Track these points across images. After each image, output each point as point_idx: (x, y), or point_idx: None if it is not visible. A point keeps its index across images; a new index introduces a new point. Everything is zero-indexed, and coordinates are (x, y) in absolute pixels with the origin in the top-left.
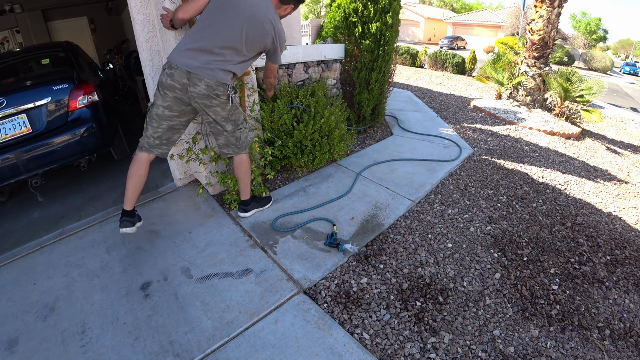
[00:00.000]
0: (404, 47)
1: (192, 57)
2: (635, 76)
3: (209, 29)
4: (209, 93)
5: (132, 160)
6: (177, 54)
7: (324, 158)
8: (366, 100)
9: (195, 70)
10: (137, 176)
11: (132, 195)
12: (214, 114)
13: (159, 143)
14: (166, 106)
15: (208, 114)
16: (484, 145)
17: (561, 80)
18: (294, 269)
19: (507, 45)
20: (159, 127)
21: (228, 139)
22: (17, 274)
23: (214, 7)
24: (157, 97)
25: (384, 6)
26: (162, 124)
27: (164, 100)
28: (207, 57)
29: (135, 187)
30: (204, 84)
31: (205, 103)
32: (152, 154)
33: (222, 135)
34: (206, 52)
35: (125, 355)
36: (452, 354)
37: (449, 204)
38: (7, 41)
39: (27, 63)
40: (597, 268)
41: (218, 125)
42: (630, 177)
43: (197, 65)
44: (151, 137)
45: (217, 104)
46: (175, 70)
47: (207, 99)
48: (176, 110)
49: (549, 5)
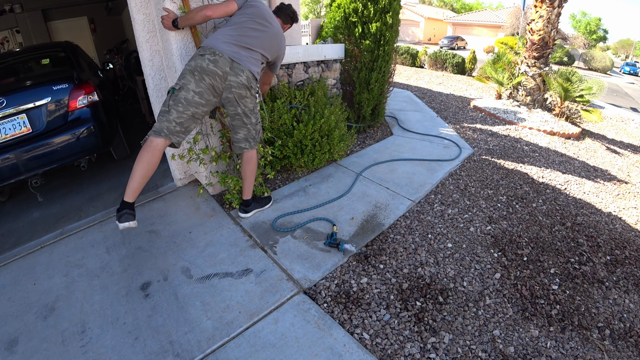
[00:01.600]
0: (404, 47)
1: (235, 49)
2: (635, 76)
3: (250, 32)
4: (248, 84)
5: (144, 146)
6: (220, 43)
7: (324, 158)
8: (366, 100)
9: (240, 60)
10: (149, 164)
11: (139, 185)
12: (244, 105)
13: (179, 130)
14: (198, 92)
15: (240, 104)
16: (484, 145)
17: (561, 80)
18: (294, 269)
19: (507, 45)
20: (185, 112)
21: (249, 131)
22: (17, 274)
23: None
24: (188, 81)
25: (384, 6)
26: (189, 109)
27: (198, 85)
28: (247, 52)
29: (144, 176)
30: (245, 75)
31: (242, 93)
32: (169, 140)
33: (244, 127)
34: (246, 49)
35: (125, 355)
36: (452, 354)
37: (449, 204)
38: (7, 41)
39: (27, 63)
40: (597, 268)
41: (244, 117)
42: (630, 177)
43: (240, 57)
44: (174, 121)
45: (249, 95)
46: (220, 57)
47: (244, 89)
48: (205, 99)
49: (549, 5)
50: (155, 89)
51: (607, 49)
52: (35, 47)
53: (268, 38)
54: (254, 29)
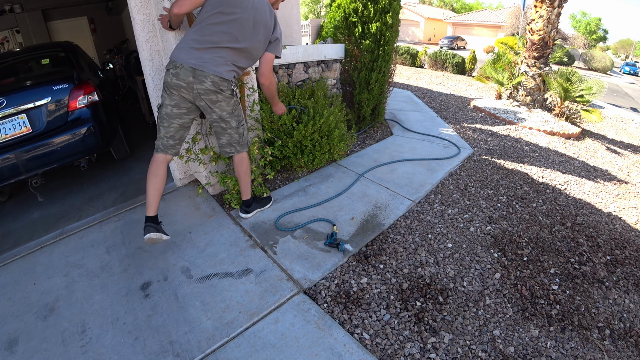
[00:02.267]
0: (404, 47)
1: (196, 55)
2: (635, 76)
3: (214, 28)
4: (215, 88)
5: (150, 162)
6: (181, 52)
7: (324, 158)
8: (366, 100)
9: (201, 67)
10: (156, 178)
11: (153, 199)
12: (220, 110)
13: (172, 143)
14: (174, 104)
15: (214, 110)
16: (484, 145)
17: (561, 80)
18: (294, 269)
19: (507, 45)
20: (170, 126)
21: (232, 136)
22: (17, 274)
23: (216, 4)
24: (164, 97)
25: (384, 6)
26: (173, 122)
27: (171, 99)
28: (211, 54)
29: (154, 189)
30: (210, 80)
31: (212, 99)
32: (168, 154)
33: (225, 132)
34: (211, 49)
35: (125, 355)
36: (452, 354)
37: (449, 204)
38: (7, 41)
39: (27, 63)
40: (597, 268)
41: (223, 122)
42: (630, 177)
43: (202, 62)
44: (164, 137)
45: (222, 98)
46: (181, 70)
47: (213, 94)
48: (184, 107)
49: (549, 5)
50: (155, 89)
51: (607, 49)
52: (35, 47)
53: (239, 27)
54: (218, 23)
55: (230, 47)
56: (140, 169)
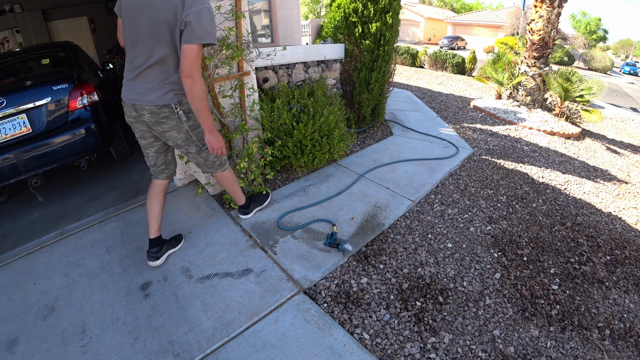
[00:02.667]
0: (404, 47)
1: (131, 87)
2: (635, 76)
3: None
4: (156, 119)
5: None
6: (123, 86)
7: (323, 158)
8: (366, 100)
9: (136, 100)
10: (150, 201)
11: (151, 221)
12: (172, 140)
13: (160, 169)
14: (139, 136)
15: (167, 138)
16: (484, 145)
17: (561, 80)
18: (294, 269)
19: (507, 45)
20: (148, 155)
21: (197, 161)
22: (17, 274)
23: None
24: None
25: (384, 6)
26: (148, 151)
27: (136, 132)
28: (141, 81)
29: (151, 211)
30: (147, 113)
31: (159, 130)
32: (160, 180)
33: (191, 158)
34: (138, 77)
35: (125, 355)
36: (452, 354)
37: (449, 204)
38: (7, 41)
39: (27, 63)
40: (597, 268)
41: (180, 148)
42: (630, 177)
43: (136, 95)
44: (151, 166)
45: (168, 127)
46: (125, 106)
47: (157, 125)
48: (149, 137)
49: (549, 5)
50: None
51: (607, 49)
52: (35, 47)
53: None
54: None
55: (152, 64)
56: (140, 169)
